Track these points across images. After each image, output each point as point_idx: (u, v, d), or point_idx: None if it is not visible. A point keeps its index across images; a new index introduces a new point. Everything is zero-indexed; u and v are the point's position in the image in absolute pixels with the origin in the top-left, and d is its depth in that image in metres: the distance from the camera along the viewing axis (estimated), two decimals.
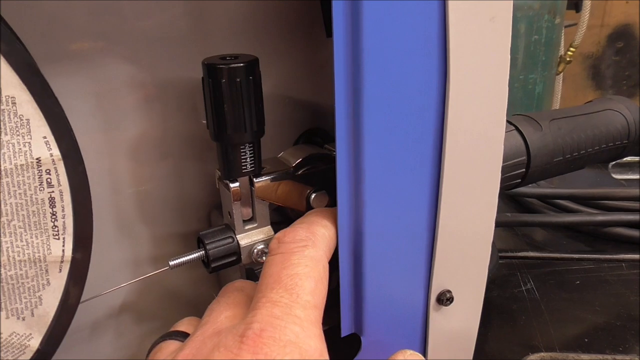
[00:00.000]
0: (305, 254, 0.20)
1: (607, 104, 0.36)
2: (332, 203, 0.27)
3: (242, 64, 0.22)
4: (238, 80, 0.22)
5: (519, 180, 0.33)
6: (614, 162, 0.51)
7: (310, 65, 0.30)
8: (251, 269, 0.25)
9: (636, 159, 0.50)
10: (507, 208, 0.51)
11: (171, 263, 0.24)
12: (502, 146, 0.25)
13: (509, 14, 0.23)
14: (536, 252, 0.44)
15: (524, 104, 0.66)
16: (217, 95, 0.22)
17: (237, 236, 0.25)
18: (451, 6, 0.21)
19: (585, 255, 0.43)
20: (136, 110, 0.26)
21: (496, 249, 0.42)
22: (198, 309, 0.28)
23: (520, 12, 0.64)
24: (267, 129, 0.26)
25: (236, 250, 0.24)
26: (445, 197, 0.24)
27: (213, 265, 0.24)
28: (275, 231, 0.26)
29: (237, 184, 0.24)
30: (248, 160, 0.24)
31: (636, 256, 0.43)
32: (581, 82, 1.22)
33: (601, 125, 0.35)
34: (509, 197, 0.51)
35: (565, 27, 0.81)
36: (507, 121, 0.32)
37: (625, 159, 0.50)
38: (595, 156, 0.36)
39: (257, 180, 0.25)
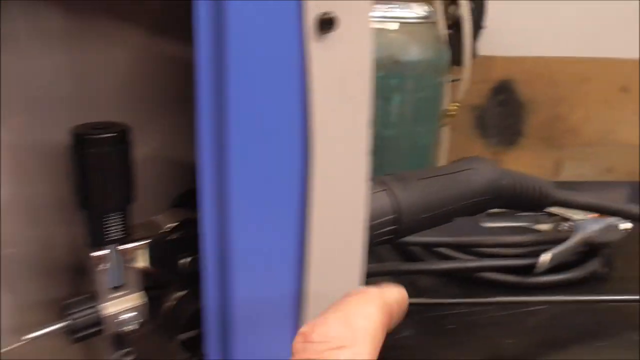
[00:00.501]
0: (338, 358, 0.15)
1: (469, 164, 0.40)
2: None
3: (109, 135, 0.23)
4: (105, 150, 0.22)
5: (392, 235, 0.35)
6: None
7: (189, 127, 0.31)
8: (119, 336, 0.25)
9: (502, 209, 0.55)
10: (392, 256, 0.54)
11: (26, 337, 0.23)
12: (365, 208, 0.27)
13: (367, 93, 0.25)
14: (416, 298, 0.47)
15: (411, 155, 0.71)
16: (82, 165, 0.22)
17: (101, 305, 0.24)
18: (315, 88, 0.23)
19: (459, 300, 0.46)
20: (5, 172, 0.26)
21: None
22: None
23: (408, 72, 0.69)
24: (143, 192, 0.26)
25: (99, 321, 0.24)
26: (313, 258, 0.26)
27: (75, 336, 0.23)
28: (149, 297, 0.26)
29: (102, 251, 0.24)
30: (115, 228, 0.24)
31: (503, 298, 0.47)
32: (469, 131, 1.32)
33: (464, 183, 0.38)
34: (393, 245, 0.54)
35: (452, 81, 0.88)
36: (378, 181, 0.35)
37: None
38: (462, 211, 0.39)
39: (126, 247, 0.25)
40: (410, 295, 0.47)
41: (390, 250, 0.55)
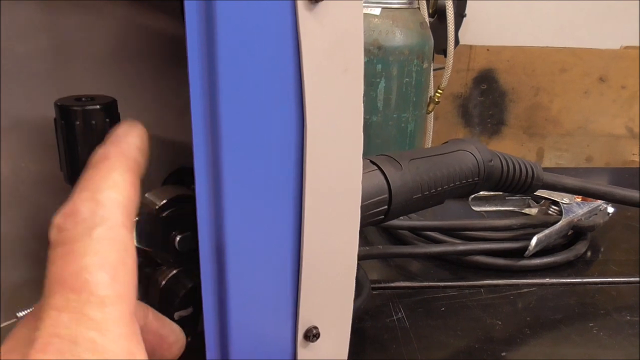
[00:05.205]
0: (93, 238, 0.16)
1: (459, 145, 0.40)
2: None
3: (97, 106, 0.22)
4: (93, 122, 0.22)
5: (383, 216, 0.35)
6: (473, 196, 0.56)
7: (179, 104, 0.30)
8: None
9: (491, 193, 0.56)
10: (381, 240, 0.54)
11: (19, 314, 0.22)
12: (360, 186, 0.27)
13: (361, 65, 0.25)
14: (407, 281, 0.47)
15: (397, 141, 0.71)
16: (70, 138, 0.22)
17: None
18: (305, 60, 0.22)
19: (449, 283, 0.46)
20: None
21: (368, 281, 0.44)
22: None
23: (392, 57, 0.69)
24: None
25: None
26: (307, 236, 0.25)
27: None
28: (141, 275, 0.26)
29: None
30: None
31: (493, 282, 0.47)
32: (452, 120, 1.33)
33: (454, 165, 0.38)
34: (382, 229, 0.54)
35: (435, 70, 0.88)
36: (370, 161, 0.34)
37: (482, 192, 0.55)
38: (451, 192, 0.39)
39: None
40: (401, 279, 0.47)
41: (378, 234, 0.55)
